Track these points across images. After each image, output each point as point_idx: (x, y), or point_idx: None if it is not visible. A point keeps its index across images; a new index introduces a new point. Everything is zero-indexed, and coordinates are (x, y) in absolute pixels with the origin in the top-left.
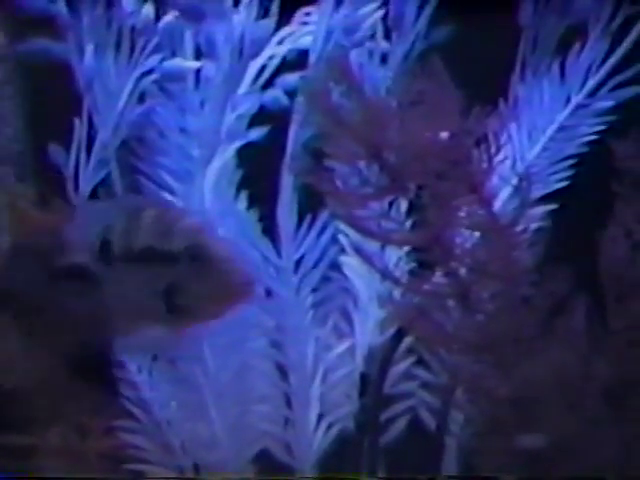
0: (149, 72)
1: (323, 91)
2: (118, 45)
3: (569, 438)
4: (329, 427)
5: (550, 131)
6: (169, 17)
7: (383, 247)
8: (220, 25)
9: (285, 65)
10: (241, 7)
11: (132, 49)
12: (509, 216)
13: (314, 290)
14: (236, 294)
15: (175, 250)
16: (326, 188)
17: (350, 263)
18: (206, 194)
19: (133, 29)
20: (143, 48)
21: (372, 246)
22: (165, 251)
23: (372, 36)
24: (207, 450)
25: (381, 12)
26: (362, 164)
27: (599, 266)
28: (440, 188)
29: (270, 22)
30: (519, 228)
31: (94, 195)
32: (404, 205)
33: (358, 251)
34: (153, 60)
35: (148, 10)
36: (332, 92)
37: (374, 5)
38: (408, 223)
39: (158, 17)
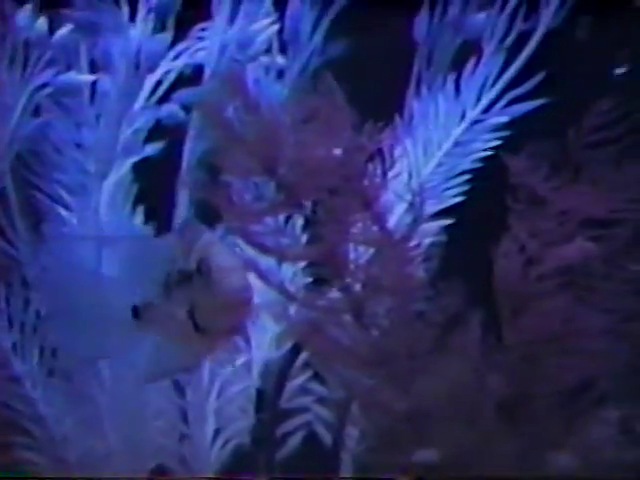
0: (43, 86)
1: (218, 106)
2: (12, 59)
3: (463, 451)
4: (225, 442)
5: (445, 146)
6: (63, 31)
7: (279, 262)
8: (116, 39)
9: (181, 80)
10: (137, 21)
11: (26, 63)
12: (403, 231)
13: None
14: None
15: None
16: (221, 203)
17: None
18: (102, 209)
19: (27, 43)
20: (37, 62)
21: (268, 261)
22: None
23: (268, 51)
24: (103, 465)
25: (275, 27)
26: (257, 179)
27: (493, 281)
28: (334, 204)
29: (166, 36)
30: (413, 243)
31: None
32: (300, 221)
33: (253, 266)
34: (47, 74)
35: (42, 24)
36: (227, 107)
37: (268, 20)
38: (303, 238)
39: (52, 31)
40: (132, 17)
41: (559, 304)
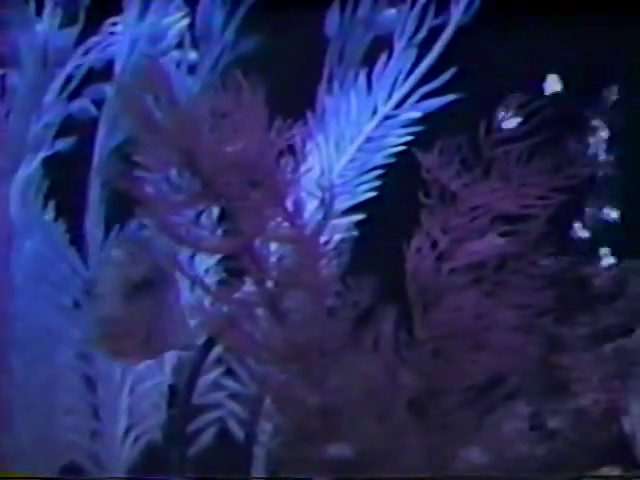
0: None
1: (134, 99)
2: None
3: (376, 446)
4: (137, 438)
5: (357, 142)
6: None
7: (193, 255)
8: (22, 33)
9: (92, 74)
10: (44, 15)
11: None
12: (315, 227)
13: None
14: None
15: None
16: (138, 195)
17: None
18: (12, 204)
19: None
20: None
21: (183, 254)
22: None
23: (179, 46)
24: (13, 462)
25: (186, 21)
26: (174, 172)
27: (405, 276)
28: (249, 198)
29: (74, 31)
30: (325, 239)
31: None
32: (216, 213)
33: (171, 258)
34: None
35: None
36: (143, 100)
37: (179, 15)
38: (219, 231)
39: None
40: (38, 11)
41: (470, 299)
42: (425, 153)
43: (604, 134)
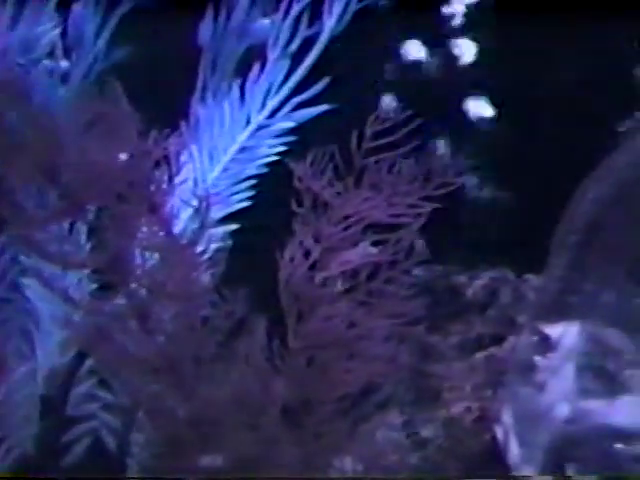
0: None
1: None
2: None
3: (249, 457)
4: (8, 450)
5: (231, 152)
6: None
7: (64, 269)
8: None
9: None
10: None
11: None
12: (189, 237)
13: None
14: None
15: None
16: (5, 210)
17: (31, 285)
18: None
19: None
20: None
21: (53, 267)
22: None
23: (51, 54)
24: None
25: (58, 30)
26: (39, 186)
27: (279, 286)
28: (120, 210)
29: None
30: (199, 249)
31: None
32: (84, 227)
33: (38, 273)
34: None
35: None
36: (7, 112)
37: (51, 23)
38: (88, 246)
39: None
40: None
41: (343, 309)
42: (297, 162)
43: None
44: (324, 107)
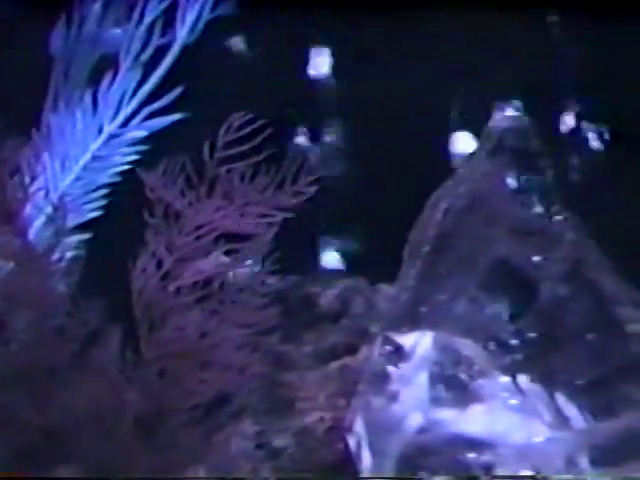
0: None
1: None
2: None
3: (103, 467)
4: None
5: (84, 161)
6: None
7: None
8: None
9: None
10: None
11: None
12: (44, 245)
13: None
14: None
15: None
16: None
17: None
18: None
19: None
20: None
21: None
22: None
23: None
24: None
25: None
26: None
27: (131, 296)
28: None
29: None
30: (54, 257)
31: None
32: None
33: None
34: None
35: None
36: None
37: None
38: None
39: None
40: None
41: (196, 318)
42: (149, 172)
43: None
44: (177, 116)
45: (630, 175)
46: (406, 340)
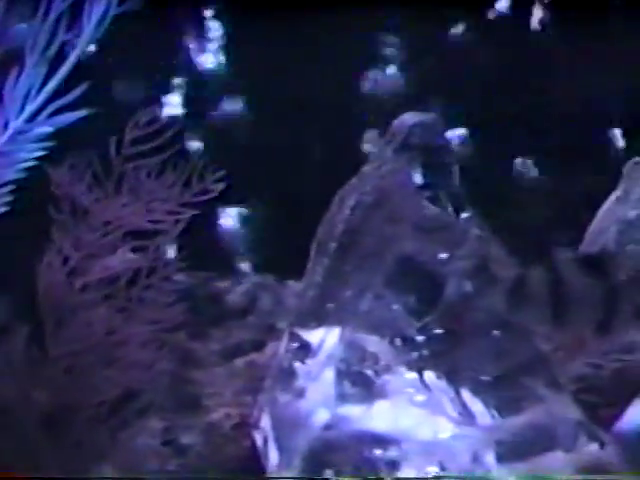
0: None
1: None
2: None
3: (8, 463)
4: None
5: None
6: None
7: None
8: None
9: None
10: None
11: None
12: None
13: None
14: None
15: None
16: None
17: None
18: None
19: None
20: None
21: None
22: None
23: None
24: None
25: None
26: None
27: (38, 293)
28: None
29: None
30: None
31: None
32: None
33: None
34: None
35: None
36: None
37: None
38: None
39: None
40: None
41: (103, 315)
42: (56, 168)
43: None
44: (83, 112)
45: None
46: (313, 336)
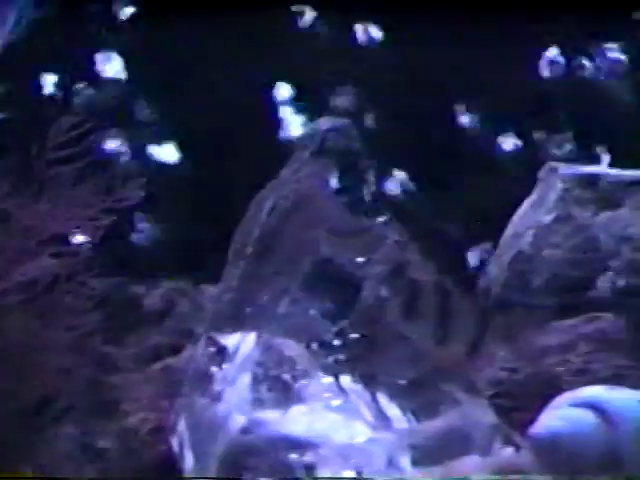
0: None
1: None
2: None
3: None
4: None
5: None
6: None
7: None
8: None
9: None
10: None
11: None
12: None
13: None
14: None
15: None
16: None
17: None
18: None
19: None
20: None
21: None
22: None
23: None
24: None
25: None
26: None
27: None
28: None
29: None
30: None
31: None
32: None
33: None
34: None
35: None
36: None
37: None
38: None
39: None
40: None
41: (21, 320)
42: None
43: None
44: (1, 116)
45: None
46: (229, 340)
